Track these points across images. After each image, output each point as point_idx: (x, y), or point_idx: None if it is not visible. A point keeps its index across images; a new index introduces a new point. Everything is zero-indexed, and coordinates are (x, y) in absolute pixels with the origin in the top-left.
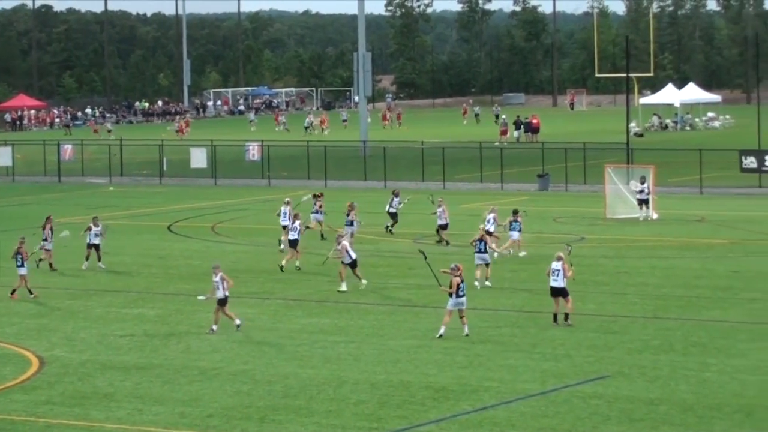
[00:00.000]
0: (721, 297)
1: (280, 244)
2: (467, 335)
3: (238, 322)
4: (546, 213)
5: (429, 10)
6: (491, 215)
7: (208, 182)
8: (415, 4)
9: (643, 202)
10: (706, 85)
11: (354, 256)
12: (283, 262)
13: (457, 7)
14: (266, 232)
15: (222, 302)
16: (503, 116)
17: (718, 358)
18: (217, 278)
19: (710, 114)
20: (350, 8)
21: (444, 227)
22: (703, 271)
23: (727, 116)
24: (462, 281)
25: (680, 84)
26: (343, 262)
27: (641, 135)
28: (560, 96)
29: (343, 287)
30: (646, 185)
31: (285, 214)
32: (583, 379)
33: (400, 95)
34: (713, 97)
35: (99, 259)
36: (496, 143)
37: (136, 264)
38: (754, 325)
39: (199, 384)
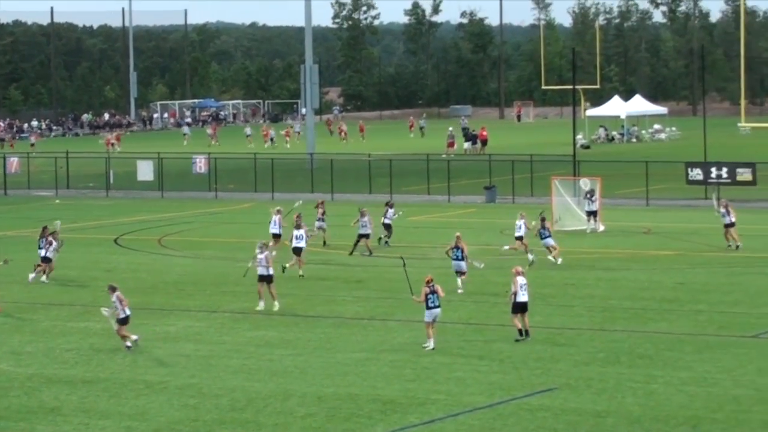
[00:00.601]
0: (667, 309)
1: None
2: (432, 349)
3: (128, 344)
4: (493, 225)
5: (376, 22)
6: (521, 221)
7: (155, 195)
8: (362, 17)
9: (590, 214)
10: (652, 97)
11: (271, 272)
12: (287, 265)
13: (404, 20)
14: (213, 245)
15: (123, 321)
16: (450, 128)
17: (665, 370)
18: (114, 298)
19: (656, 126)
20: (297, 20)
21: (366, 236)
22: (650, 282)
23: (673, 128)
24: (432, 292)
25: (626, 96)
26: (260, 278)
27: (588, 147)
28: (507, 108)
29: (261, 306)
30: (595, 197)
31: (275, 222)
32: (530, 392)
33: (347, 107)
34: (659, 109)
35: (46, 273)
36: (443, 155)
37: (82, 277)
38: (700, 336)
39: (145, 398)
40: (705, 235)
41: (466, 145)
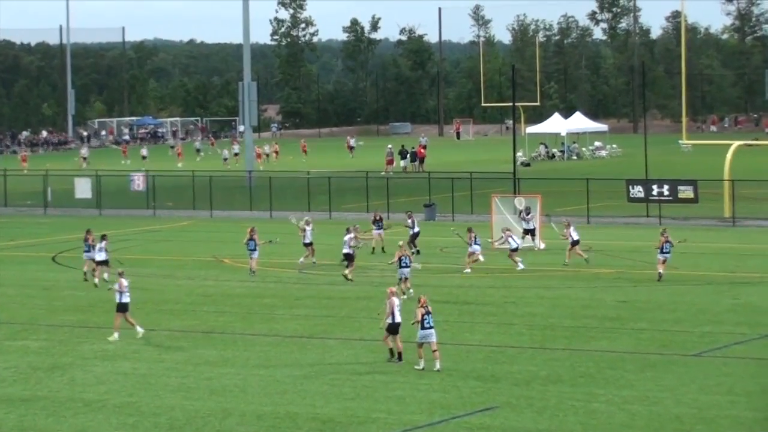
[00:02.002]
0: (608, 327)
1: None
2: (438, 370)
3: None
4: (433, 243)
5: (315, 39)
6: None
7: (93, 213)
8: (300, 34)
9: (527, 233)
10: (593, 115)
11: (127, 299)
12: (347, 273)
13: (343, 37)
14: (151, 262)
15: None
16: (388, 146)
17: (606, 388)
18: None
19: (597, 143)
20: (235, 37)
21: (310, 244)
22: (591, 301)
23: (614, 145)
24: (428, 312)
25: (567, 113)
26: (118, 307)
27: (528, 164)
28: (446, 125)
29: (115, 336)
30: (531, 215)
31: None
32: (470, 410)
33: (286, 125)
34: (600, 126)
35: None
36: (382, 173)
37: (19, 295)
38: (642, 355)
39: (84, 416)
40: (647, 253)
41: (403, 162)
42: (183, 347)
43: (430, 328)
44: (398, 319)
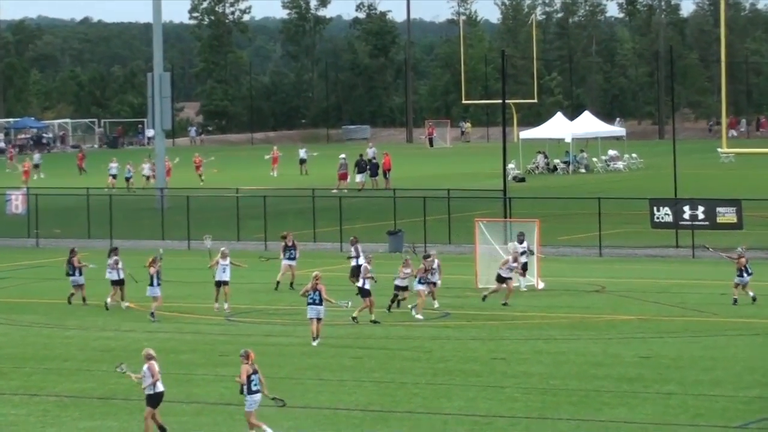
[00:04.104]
0: (627, 391)
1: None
2: None
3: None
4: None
5: (246, 17)
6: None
7: None
8: (227, 11)
9: (522, 268)
10: (607, 115)
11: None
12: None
13: (282, 14)
14: (33, 307)
15: None
16: (342, 155)
17: None
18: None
19: (612, 152)
20: (143, 15)
21: (225, 283)
22: (604, 356)
23: (634, 155)
24: (255, 372)
25: (572, 113)
26: None
27: (522, 179)
28: (417, 129)
29: None
30: (526, 245)
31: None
32: None
33: (208, 128)
34: (615, 130)
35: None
36: (334, 190)
37: None
38: (670, 427)
39: None
40: (675, 294)
41: (359, 177)
42: (74, 418)
43: (258, 392)
44: (160, 387)
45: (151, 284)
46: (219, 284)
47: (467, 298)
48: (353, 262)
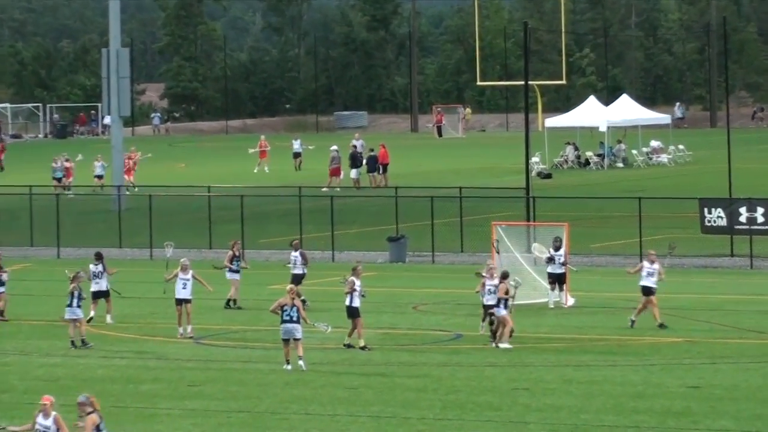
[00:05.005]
0: (673, 427)
1: None
2: None
3: None
4: (402, 297)
5: None
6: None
7: None
8: None
9: (555, 280)
10: (649, 99)
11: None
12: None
13: None
14: None
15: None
16: (333, 147)
17: None
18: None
19: (655, 143)
20: None
21: (185, 302)
22: (646, 386)
23: (681, 146)
24: (101, 419)
25: (608, 97)
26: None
27: (549, 175)
28: (423, 116)
29: None
30: (563, 252)
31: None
32: None
33: (175, 114)
34: (659, 116)
35: None
36: (324, 189)
37: None
38: None
39: None
40: (730, 313)
41: (354, 173)
42: None
43: None
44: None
45: (70, 305)
46: (180, 302)
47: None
48: (298, 270)
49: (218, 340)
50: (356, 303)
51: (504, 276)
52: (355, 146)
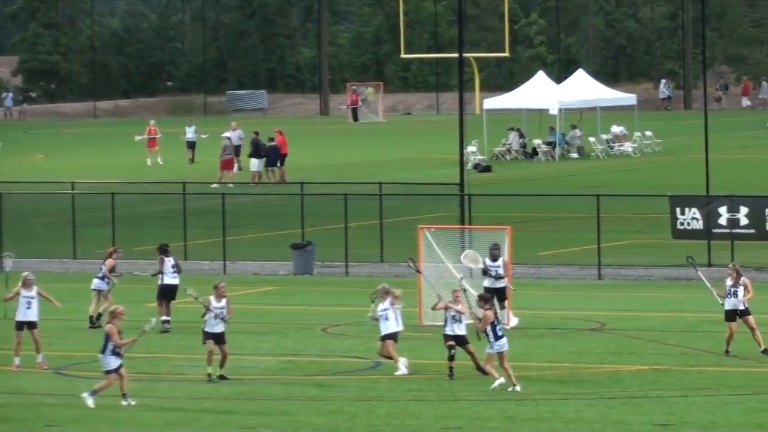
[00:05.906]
0: None
1: None
2: None
3: None
4: (309, 317)
5: None
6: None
7: None
8: None
9: (495, 294)
10: (610, 75)
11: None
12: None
13: None
14: None
15: None
16: (225, 134)
17: None
18: None
19: (616, 129)
20: None
21: (31, 325)
22: (604, 424)
23: (648, 133)
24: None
25: (560, 73)
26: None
27: (488, 168)
28: (335, 96)
29: None
30: (501, 263)
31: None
32: None
33: (31, 93)
34: (622, 96)
35: None
36: (214, 185)
37: None
38: None
39: None
40: (707, 334)
41: (256, 165)
42: None
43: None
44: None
45: None
46: (21, 326)
47: (405, 341)
48: (166, 279)
49: (84, 369)
50: (218, 328)
51: (484, 300)
52: (229, 138)
